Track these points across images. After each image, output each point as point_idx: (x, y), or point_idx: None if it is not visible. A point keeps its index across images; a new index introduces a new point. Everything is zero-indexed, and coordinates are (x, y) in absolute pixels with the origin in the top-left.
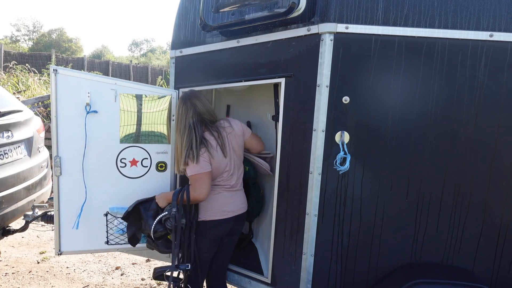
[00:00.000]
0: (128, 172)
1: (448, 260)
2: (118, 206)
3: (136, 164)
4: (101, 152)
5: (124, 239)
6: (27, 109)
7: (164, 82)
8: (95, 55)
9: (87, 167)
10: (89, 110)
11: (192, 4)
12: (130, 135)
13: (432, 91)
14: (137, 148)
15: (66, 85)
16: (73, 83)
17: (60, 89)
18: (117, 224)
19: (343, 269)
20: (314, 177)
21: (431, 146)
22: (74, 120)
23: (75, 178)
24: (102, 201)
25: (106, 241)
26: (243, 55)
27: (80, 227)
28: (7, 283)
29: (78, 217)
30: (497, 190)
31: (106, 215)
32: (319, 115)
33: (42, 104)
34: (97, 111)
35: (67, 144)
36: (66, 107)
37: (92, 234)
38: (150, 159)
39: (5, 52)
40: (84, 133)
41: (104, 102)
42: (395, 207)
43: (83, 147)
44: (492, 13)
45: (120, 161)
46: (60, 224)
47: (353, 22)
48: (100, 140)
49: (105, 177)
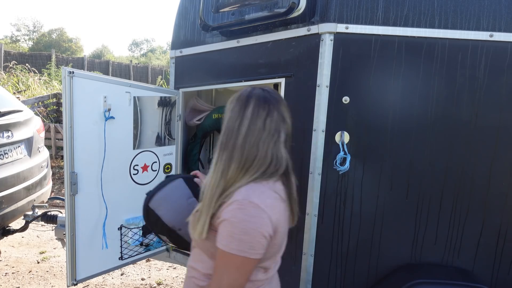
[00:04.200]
0: (140, 179)
1: (448, 260)
2: (133, 217)
3: (147, 169)
4: (115, 161)
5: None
6: (27, 109)
7: (164, 82)
8: (95, 55)
9: (104, 180)
10: (108, 116)
11: (192, 4)
12: (142, 139)
13: (432, 91)
14: (148, 152)
15: (83, 89)
16: (90, 87)
17: (76, 95)
18: (132, 235)
19: (343, 269)
20: (314, 177)
21: (431, 146)
22: (90, 128)
23: (93, 194)
24: (118, 215)
25: (120, 257)
26: (243, 55)
27: (105, 246)
28: (7, 283)
29: (104, 237)
30: (497, 190)
31: (120, 229)
32: (319, 115)
33: (42, 104)
34: (114, 117)
35: (83, 157)
36: (83, 114)
37: (109, 252)
38: (159, 162)
39: (5, 52)
40: (100, 142)
41: (119, 107)
42: (395, 207)
43: (101, 158)
44: (492, 13)
45: (133, 168)
46: (76, 250)
47: (353, 22)
48: (115, 148)
49: (119, 187)
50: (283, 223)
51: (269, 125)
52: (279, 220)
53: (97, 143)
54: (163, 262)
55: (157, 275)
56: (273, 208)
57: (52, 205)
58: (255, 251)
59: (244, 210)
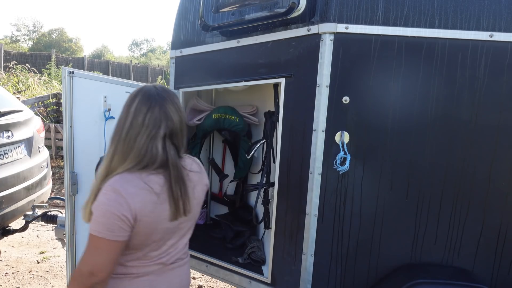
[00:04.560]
0: None
1: (448, 260)
2: None
3: None
4: None
5: None
6: (27, 109)
7: (164, 82)
8: (95, 55)
9: None
10: (108, 116)
11: (192, 4)
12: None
13: (432, 91)
14: None
15: (83, 89)
16: (90, 87)
17: (76, 95)
18: None
19: (343, 269)
20: (314, 177)
21: (431, 146)
22: (90, 128)
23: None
24: None
25: None
26: (243, 55)
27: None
28: (7, 283)
29: None
30: (497, 190)
31: None
32: (319, 115)
33: (42, 104)
34: (114, 117)
35: (83, 157)
36: (83, 114)
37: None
38: None
39: (5, 52)
40: (100, 142)
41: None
42: (395, 207)
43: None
44: (492, 13)
45: None
46: (76, 250)
47: (353, 22)
48: None
49: None
50: (149, 213)
51: (148, 120)
52: (142, 209)
53: (97, 143)
54: None
55: None
56: (135, 196)
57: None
58: (113, 233)
59: (106, 194)
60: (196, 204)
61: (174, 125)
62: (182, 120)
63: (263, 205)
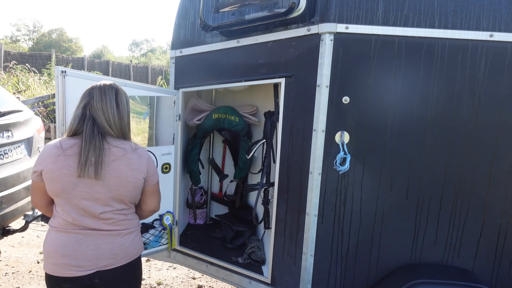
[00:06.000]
0: None
1: (448, 260)
2: None
3: None
4: None
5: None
6: (27, 109)
7: (164, 82)
8: (95, 55)
9: None
10: None
11: (192, 4)
12: (139, 139)
13: (432, 91)
14: None
15: (76, 89)
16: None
17: (69, 94)
18: None
19: (343, 269)
20: (314, 177)
21: (431, 146)
22: None
23: None
24: None
25: None
26: (243, 55)
27: None
28: (7, 283)
29: None
30: (497, 190)
31: None
32: (319, 115)
33: (42, 104)
34: None
35: None
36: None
37: None
38: (157, 161)
39: (5, 52)
40: None
41: None
42: (395, 207)
43: None
44: (492, 13)
45: None
46: None
47: (353, 22)
48: None
49: None
50: (51, 166)
51: (79, 101)
52: (46, 159)
53: None
54: (163, 262)
55: (157, 275)
56: (45, 151)
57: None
58: (32, 176)
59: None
60: (116, 177)
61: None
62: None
63: (263, 205)
